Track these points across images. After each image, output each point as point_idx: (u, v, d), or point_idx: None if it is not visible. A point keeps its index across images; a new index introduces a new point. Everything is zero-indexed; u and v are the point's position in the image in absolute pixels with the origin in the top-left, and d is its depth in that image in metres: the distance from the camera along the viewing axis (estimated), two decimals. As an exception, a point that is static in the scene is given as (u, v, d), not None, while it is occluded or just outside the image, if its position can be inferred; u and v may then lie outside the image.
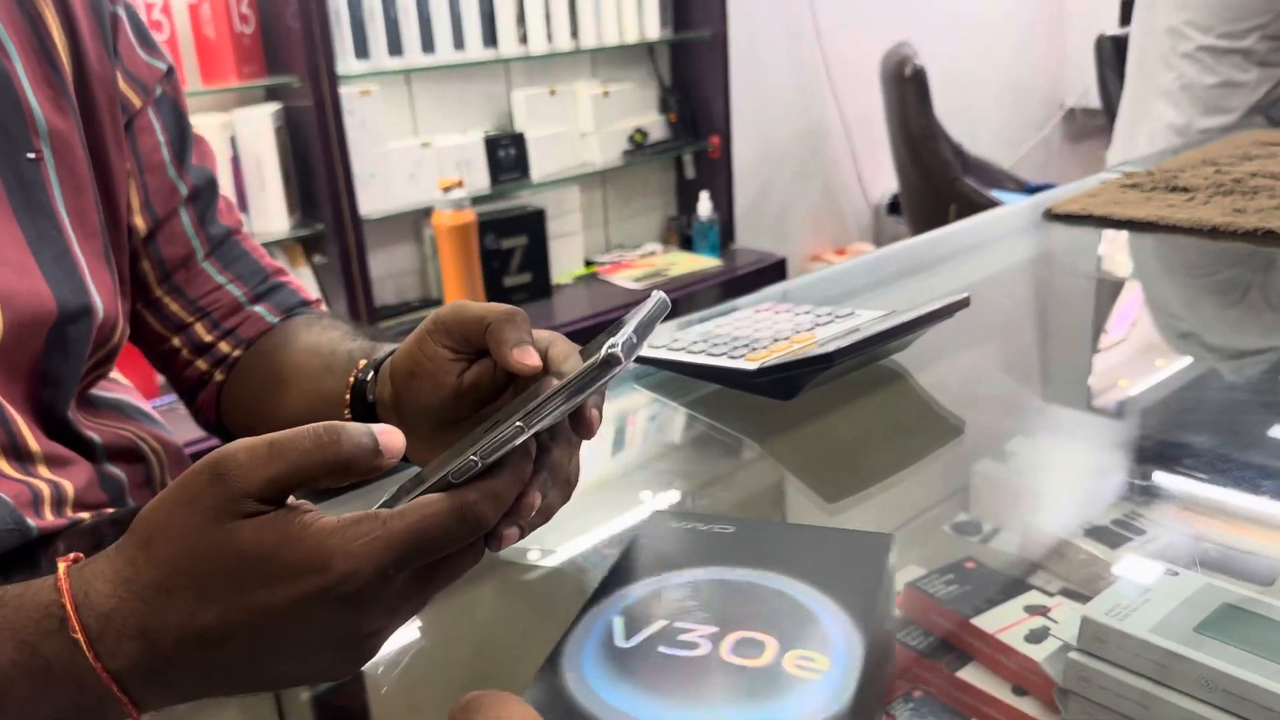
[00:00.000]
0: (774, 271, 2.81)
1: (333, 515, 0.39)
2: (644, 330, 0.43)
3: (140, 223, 0.71)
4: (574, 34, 2.56)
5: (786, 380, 0.67)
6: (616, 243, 2.92)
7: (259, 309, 0.75)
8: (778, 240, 3.19)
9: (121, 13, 0.69)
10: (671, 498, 0.68)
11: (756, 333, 0.76)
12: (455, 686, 0.50)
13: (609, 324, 0.45)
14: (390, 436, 0.40)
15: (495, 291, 2.43)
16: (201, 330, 0.74)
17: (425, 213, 2.40)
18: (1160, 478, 0.65)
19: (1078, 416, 0.78)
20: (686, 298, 2.61)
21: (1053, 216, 1.23)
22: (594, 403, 0.46)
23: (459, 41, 2.35)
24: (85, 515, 0.65)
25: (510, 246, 2.49)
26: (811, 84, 3.25)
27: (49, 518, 0.62)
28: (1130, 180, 1.33)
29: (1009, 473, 0.70)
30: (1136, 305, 1.05)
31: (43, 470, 0.63)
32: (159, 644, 0.38)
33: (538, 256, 2.54)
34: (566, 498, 0.49)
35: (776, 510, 0.66)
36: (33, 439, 0.63)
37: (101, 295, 0.65)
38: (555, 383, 0.42)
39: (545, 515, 0.49)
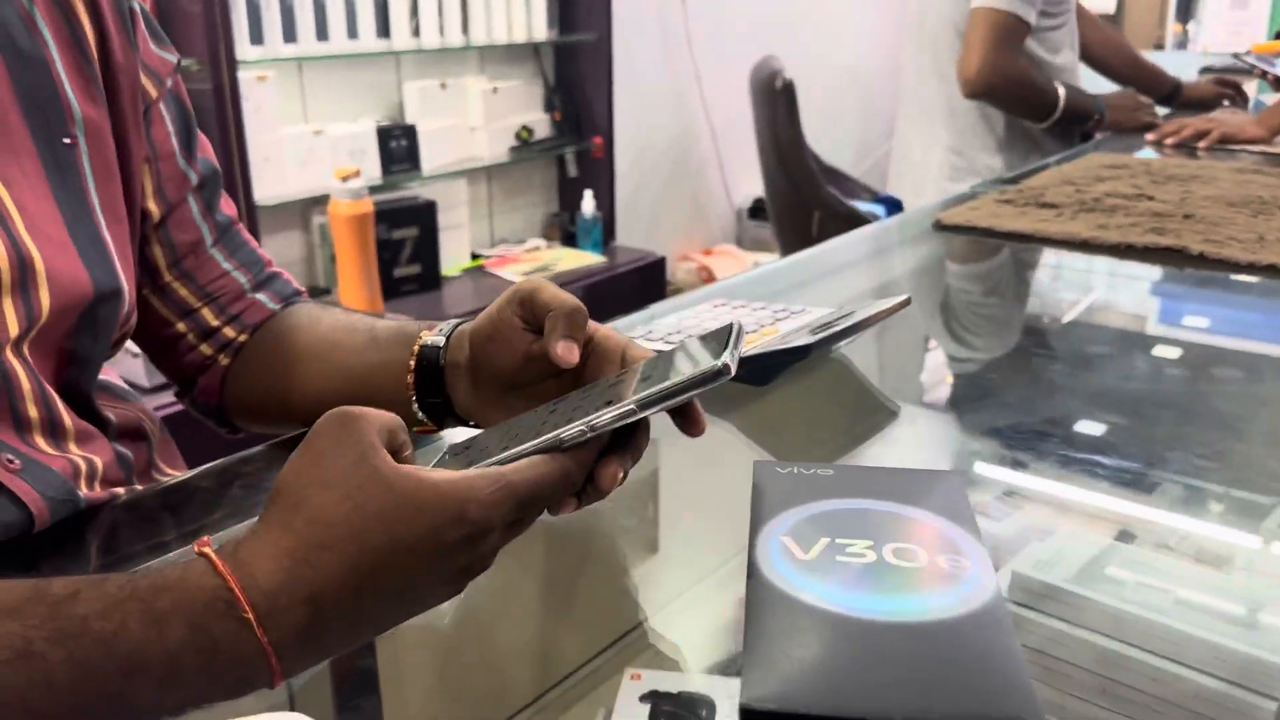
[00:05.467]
0: (654, 269, 2.91)
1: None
2: (739, 346, 0.49)
3: (154, 208, 0.73)
4: (464, 29, 2.59)
5: (766, 369, 0.76)
6: (500, 237, 2.96)
7: (261, 296, 0.79)
8: (651, 240, 3.30)
9: (137, 6, 0.72)
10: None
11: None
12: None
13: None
14: None
15: (386, 282, 2.44)
16: (209, 315, 0.77)
17: (315, 201, 2.39)
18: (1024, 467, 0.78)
19: (991, 404, 0.91)
20: (573, 293, 2.67)
21: (941, 227, 1.38)
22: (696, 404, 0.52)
23: (353, 31, 2.35)
24: (120, 490, 0.68)
25: (401, 238, 2.50)
26: (684, 90, 3.38)
27: (90, 491, 0.65)
28: (1004, 196, 1.49)
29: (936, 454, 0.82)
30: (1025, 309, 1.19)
31: (73, 447, 0.66)
32: (323, 607, 0.42)
33: (428, 248, 2.56)
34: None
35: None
36: (66, 416, 0.65)
37: (126, 278, 0.68)
38: (669, 380, 0.47)
39: (607, 489, 0.54)
